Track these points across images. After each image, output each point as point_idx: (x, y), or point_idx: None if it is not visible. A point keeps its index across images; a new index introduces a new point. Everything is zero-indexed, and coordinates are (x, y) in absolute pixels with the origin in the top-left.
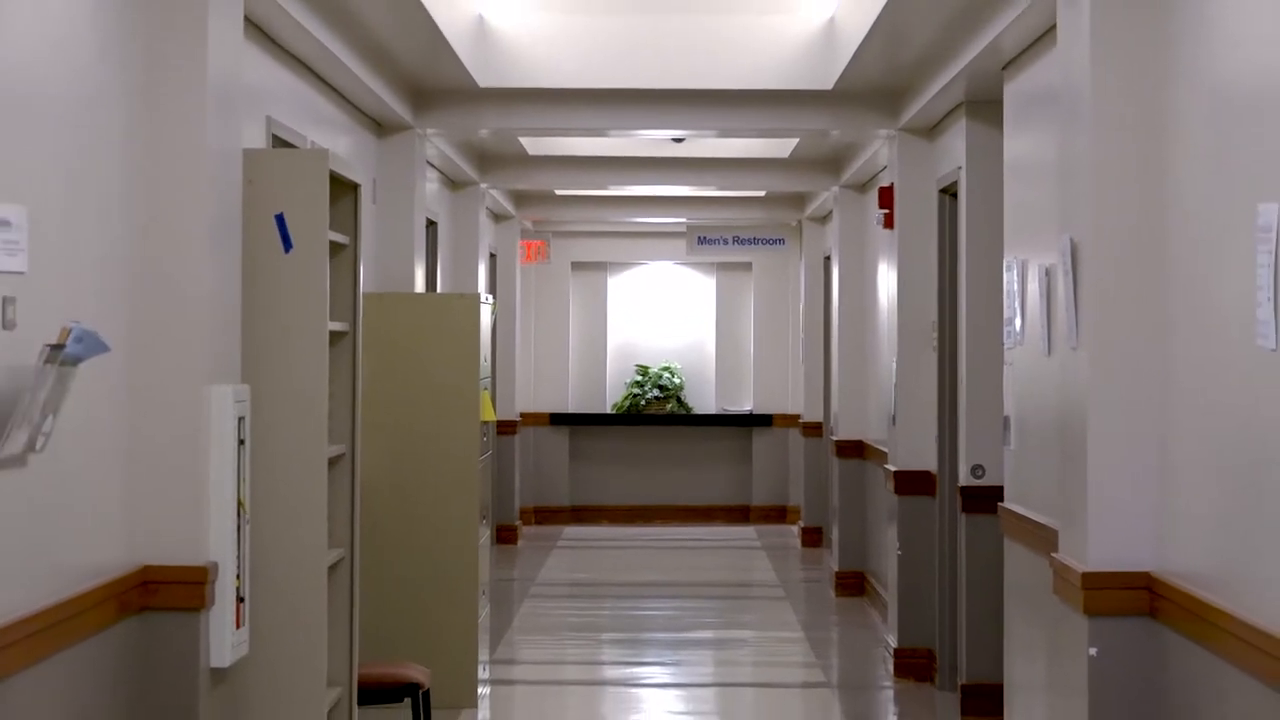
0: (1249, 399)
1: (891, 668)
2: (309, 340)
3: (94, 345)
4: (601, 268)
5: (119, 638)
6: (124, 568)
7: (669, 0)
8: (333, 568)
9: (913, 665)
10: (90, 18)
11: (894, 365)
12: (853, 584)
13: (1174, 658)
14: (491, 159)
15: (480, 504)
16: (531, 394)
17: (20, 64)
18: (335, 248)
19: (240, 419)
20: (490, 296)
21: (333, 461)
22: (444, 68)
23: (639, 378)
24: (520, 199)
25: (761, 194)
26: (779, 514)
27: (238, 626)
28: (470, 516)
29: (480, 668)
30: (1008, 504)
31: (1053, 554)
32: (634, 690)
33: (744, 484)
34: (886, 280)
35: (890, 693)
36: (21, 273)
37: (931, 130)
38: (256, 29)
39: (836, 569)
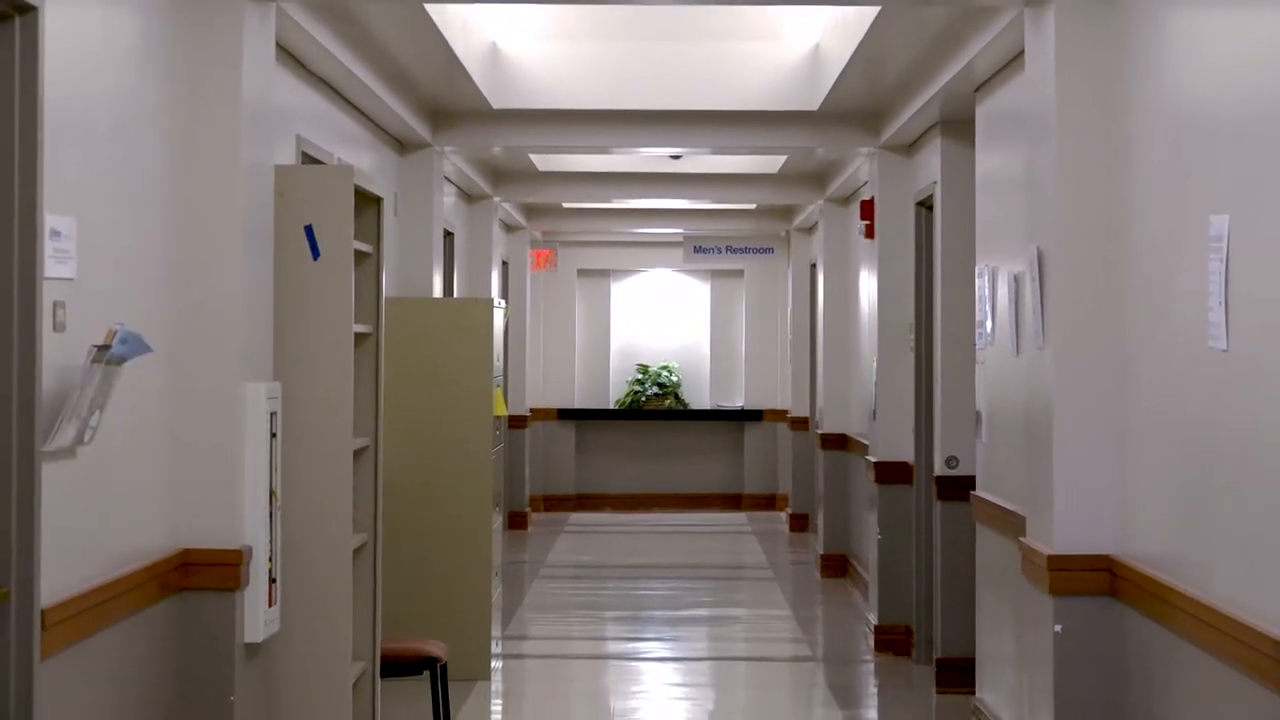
0: (1202, 396)
1: (872, 643)
2: (335, 341)
3: (137, 346)
4: (605, 274)
5: (161, 615)
6: (165, 551)
7: (667, 28)
8: (357, 551)
9: (891, 640)
10: (134, 44)
11: (874, 364)
12: (836, 566)
13: (1133, 634)
14: (504, 174)
15: (493, 492)
16: (540, 391)
17: (71, 88)
18: (360, 256)
19: (272, 414)
20: (503, 301)
21: (357, 453)
22: (460, 90)
23: (639, 376)
24: (530, 211)
25: (752, 207)
26: (768, 501)
27: (270, 605)
28: (484, 504)
29: (493, 643)
30: (979, 492)
31: (1021, 538)
32: (635, 664)
33: (736, 474)
34: (867, 286)
35: (871, 666)
36: (71, 279)
37: (909, 148)
38: (287, 54)
39: (821, 552)
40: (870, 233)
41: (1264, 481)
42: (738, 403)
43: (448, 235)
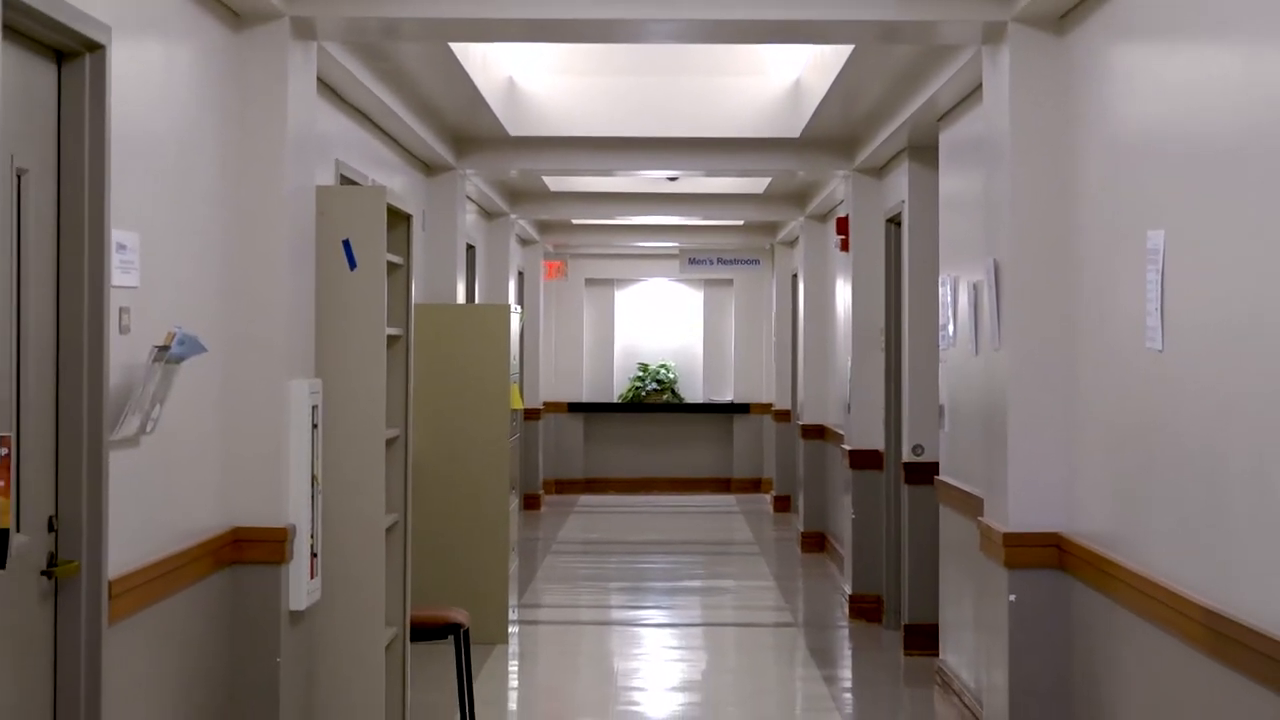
0: (1140, 391)
1: (847, 610)
2: (370, 342)
3: (193, 347)
4: (610, 283)
5: (214, 586)
6: (218, 529)
7: (664, 64)
8: (389, 529)
9: (864, 608)
10: (191, 78)
11: (849, 363)
12: (815, 542)
13: (1078, 602)
14: (520, 194)
15: (510, 476)
16: (552, 386)
17: (134, 117)
18: (392, 267)
19: (314, 407)
20: (518, 307)
21: (389, 442)
22: (481, 120)
23: (640, 373)
24: (543, 227)
25: (740, 223)
26: (755, 485)
27: (311, 577)
28: (502, 487)
29: (510, 611)
30: (942, 477)
31: (979, 518)
32: (636, 629)
33: (726, 460)
34: (843, 293)
35: (846, 631)
36: (135, 287)
37: (880, 170)
38: (327, 87)
39: (802, 530)
40: (845, 246)
41: (1195, 468)
42: (727, 397)
43: (469, 248)
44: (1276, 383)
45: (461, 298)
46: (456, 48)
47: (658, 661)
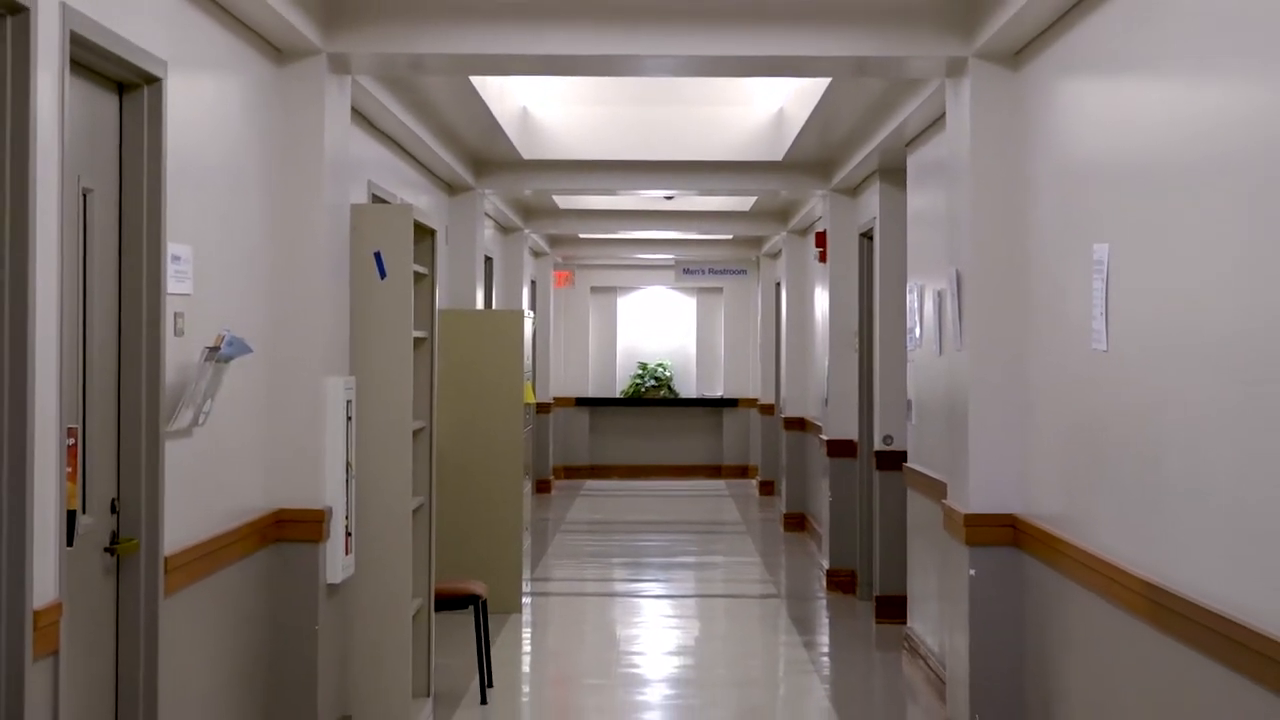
0: (1086, 387)
1: (824, 583)
2: (398, 344)
3: (241, 348)
4: (613, 290)
5: (260, 561)
6: (263, 510)
7: (662, 95)
8: (416, 511)
9: (840, 581)
10: (238, 107)
11: (826, 362)
12: (796, 522)
13: (1031, 576)
14: (532, 211)
15: (523, 464)
16: (561, 383)
17: (189, 142)
18: (418, 276)
19: (348, 402)
20: (531, 312)
21: (416, 433)
22: (498, 144)
23: (640, 371)
24: (553, 240)
25: (729, 237)
26: (742, 471)
27: (346, 554)
28: (516, 473)
29: (524, 583)
30: (910, 464)
31: (943, 500)
32: (636, 600)
33: (716, 449)
34: (821, 300)
35: (823, 601)
36: (188, 294)
37: (854, 190)
38: (360, 115)
39: (784, 511)
40: (823, 258)
41: (1135, 456)
42: (718, 393)
43: (487, 260)
44: (1208, 380)
45: (480, 304)
46: (476, 80)
47: (655, 629)
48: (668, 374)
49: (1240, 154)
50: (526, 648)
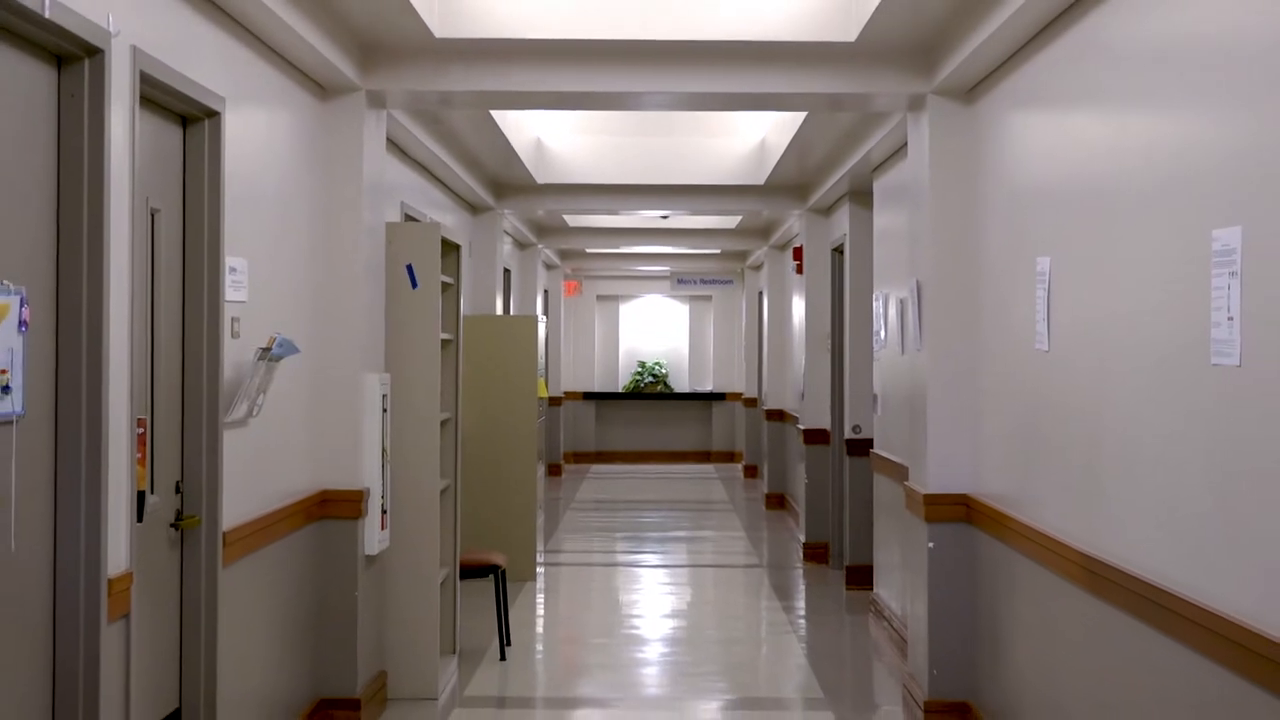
0: (1030, 382)
1: (801, 554)
2: (428, 345)
3: (289, 349)
4: (615, 298)
5: (306, 536)
6: (309, 491)
7: (659, 127)
8: (443, 491)
9: (814, 553)
10: (288, 137)
11: (802, 361)
12: (777, 501)
13: (982, 548)
14: (545, 229)
15: (537, 450)
16: (571, 379)
17: (244, 168)
18: (445, 286)
19: (384, 395)
20: (544, 317)
21: (443, 423)
22: (515, 170)
23: (639, 369)
24: (564, 254)
25: (718, 251)
26: (729, 456)
27: (382, 529)
28: (531, 458)
29: (538, 555)
30: (876, 450)
31: (905, 482)
32: (636, 569)
33: (706, 436)
34: (798, 307)
35: (800, 570)
36: (244, 301)
37: (827, 210)
38: (394, 145)
39: (766, 492)
40: (800, 270)
41: (1074, 443)
42: (708, 388)
43: (506, 272)
44: (1136, 376)
45: (500, 310)
46: (496, 114)
47: (653, 594)
48: (664, 371)
49: (1164, 180)
50: (540, 611)
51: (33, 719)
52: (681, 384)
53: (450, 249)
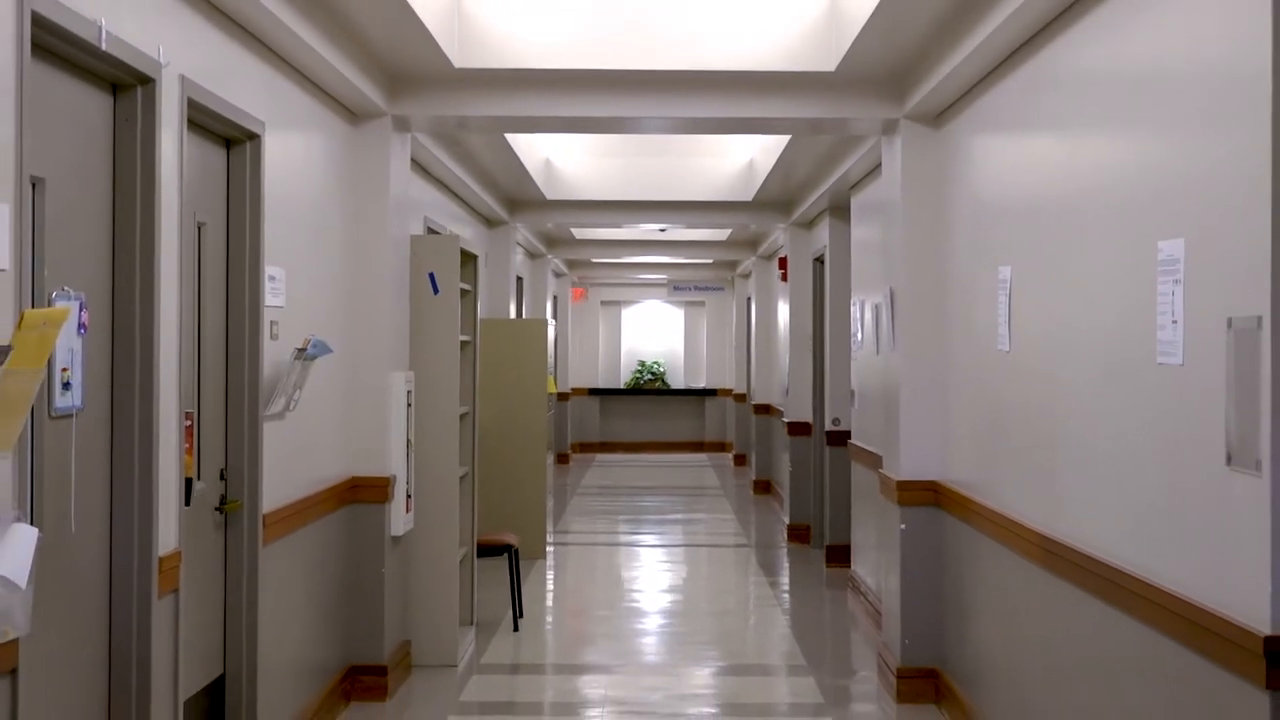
0: (992, 380)
1: (786, 535)
2: (448, 346)
3: (323, 349)
4: (618, 304)
5: (338, 519)
6: (340, 478)
7: (657, 148)
8: (462, 478)
9: (798, 533)
10: (322, 157)
11: (787, 360)
12: (764, 487)
13: (949, 530)
14: (554, 240)
15: (547, 440)
16: (577, 376)
17: (282, 185)
18: (463, 292)
19: (408, 391)
20: (553, 321)
21: (462, 416)
22: (527, 188)
23: (639, 367)
24: (571, 263)
25: (710, 261)
26: (721, 447)
27: (407, 512)
28: (541, 448)
29: (548, 535)
30: (854, 441)
31: (879, 470)
32: (637, 549)
33: (700, 428)
34: (783, 311)
35: (785, 550)
36: (281, 306)
37: (809, 224)
38: (418, 164)
39: (754, 478)
40: (785, 278)
41: (1032, 433)
42: (701, 384)
43: (518, 280)
44: (1090, 372)
45: (513, 315)
46: (510, 137)
47: (652, 572)
48: (661, 370)
49: (1114, 196)
50: (550, 586)
51: (91, 684)
52: (678, 381)
53: (468, 259)
